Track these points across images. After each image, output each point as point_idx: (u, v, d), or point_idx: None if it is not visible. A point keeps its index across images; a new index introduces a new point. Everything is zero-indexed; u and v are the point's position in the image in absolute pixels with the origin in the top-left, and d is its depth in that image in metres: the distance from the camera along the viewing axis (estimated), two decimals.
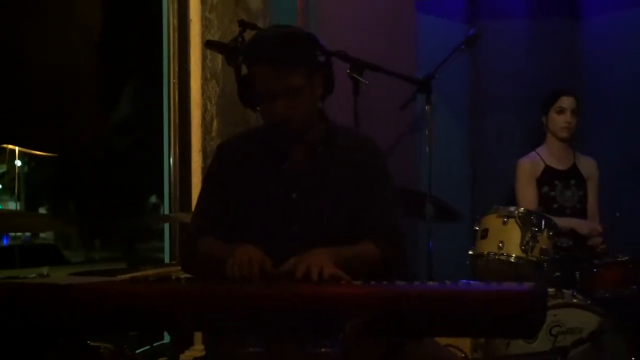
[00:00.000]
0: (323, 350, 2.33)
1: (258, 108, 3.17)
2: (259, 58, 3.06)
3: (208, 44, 4.40)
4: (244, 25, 4.16)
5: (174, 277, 3.04)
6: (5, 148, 5.83)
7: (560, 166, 5.41)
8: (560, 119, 5.34)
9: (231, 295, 2.63)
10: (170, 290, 2.72)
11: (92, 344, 3.16)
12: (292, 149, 3.20)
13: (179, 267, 3.50)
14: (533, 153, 5.46)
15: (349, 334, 2.46)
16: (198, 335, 4.68)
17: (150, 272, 3.73)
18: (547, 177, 5.39)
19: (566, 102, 5.34)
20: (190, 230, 3.31)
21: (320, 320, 2.54)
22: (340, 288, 2.68)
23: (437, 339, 3.58)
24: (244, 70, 3.18)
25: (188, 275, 3.23)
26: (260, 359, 2.56)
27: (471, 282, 3.99)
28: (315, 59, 3.12)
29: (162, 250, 5.29)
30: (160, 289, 2.75)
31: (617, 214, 4.92)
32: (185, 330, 3.71)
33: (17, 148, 5.85)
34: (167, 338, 4.81)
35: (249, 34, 4.16)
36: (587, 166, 5.48)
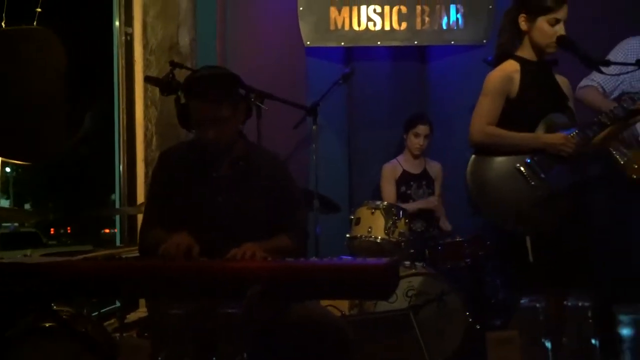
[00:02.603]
0: (230, 310, 2.33)
1: (193, 130, 3.19)
2: (195, 94, 3.06)
3: (146, 79, 4.39)
4: (174, 65, 4.16)
5: (117, 256, 3.00)
6: None
7: (414, 170, 5.45)
8: (416, 141, 5.37)
9: (161, 270, 2.62)
10: (113, 266, 2.70)
11: (56, 307, 3.13)
12: (219, 162, 3.19)
13: (127, 249, 3.48)
14: (394, 160, 5.49)
15: (250, 298, 2.46)
16: (142, 300, 4.62)
17: (101, 252, 3.69)
18: (404, 179, 5.41)
19: (422, 129, 5.37)
20: (141, 226, 3.30)
21: (228, 288, 2.55)
22: (242, 263, 2.69)
23: (322, 301, 3.62)
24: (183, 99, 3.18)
25: (130, 255, 3.21)
26: (183, 319, 2.55)
27: (346, 257, 4.03)
28: (238, 93, 3.15)
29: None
30: (105, 265, 2.73)
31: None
32: (124, 297, 3.66)
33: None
34: (118, 303, 4.75)
35: (178, 72, 4.16)
36: (435, 169, 5.51)
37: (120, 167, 5.26)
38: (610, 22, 5.24)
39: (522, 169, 3.53)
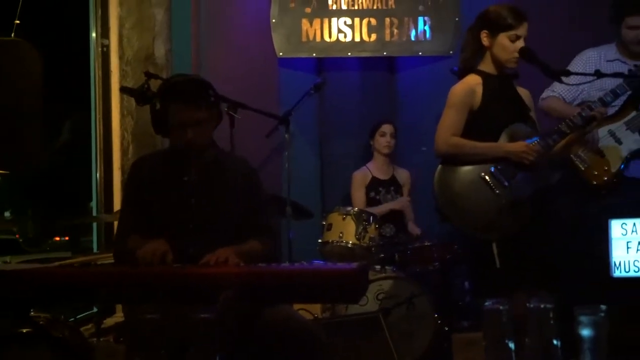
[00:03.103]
0: (203, 315, 2.31)
1: (168, 136, 3.19)
2: (174, 98, 3.07)
3: (122, 90, 4.39)
4: (149, 75, 4.17)
5: (93, 263, 2.99)
6: None
7: (383, 177, 5.47)
8: (383, 140, 5.42)
9: (135, 276, 2.62)
10: (89, 273, 2.69)
11: (33, 314, 3.10)
12: (192, 167, 3.19)
13: (104, 255, 3.46)
14: (364, 167, 5.50)
15: (223, 302, 2.46)
16: (119, 306, 4.60)
17: (77, 259, 3.67)
18: (374, 185, 5.43)
19: (386, 128, 5.43)
20: (116, 233, 3.29)
21: (201, 293, 2.55)
22: (215, 269, 2.69)
23: (294, 305, 3.62)
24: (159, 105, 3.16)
25: (106, 262, 3.19)
26: (157, 324, 2.53)
27: (319, 262, 4.04)
28: (211, 99, 3.15)
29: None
30: (80, 272, 2.72)
31: None
32: (100, 303, 3.64)
33: None
34: (95, 308, 4.72)
35: (153, 82, 4.15)
36: (403, 176, 5.53)
37: (97, 174, 5.24)
38: (569, 36, 5.29)
39: (486, 177, 3.56)
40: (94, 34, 5.22)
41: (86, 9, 5.24)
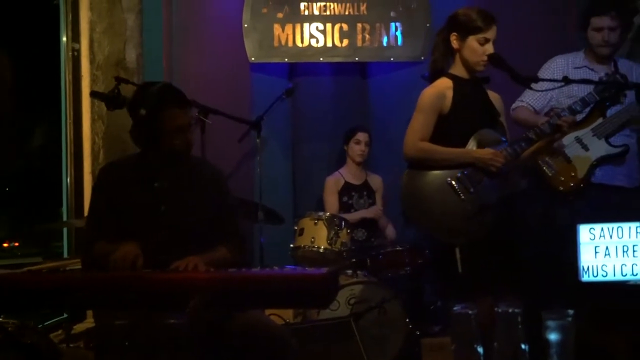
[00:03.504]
0: (172, 321, 2.32)
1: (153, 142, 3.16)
2: (170, 102, 3.08)
3: (92, 94, 4.36)
4: (119, 80, 4.14)
5: (62, 269, 2.97)
6: None
7: (355, 182, 5.48)
8: (357, 148, 5.43)
9: (104, 281, 2.61)
10: (57, 278, 2.67)
11: (2, 319, 3.08)
12: (161, 172, 3.18)
13: (74, 260, 3.43)
14: (336, 172, 5.51)
15: (193, 308, 2.45)
16: (90, 311, 4.57)
17: (46, 265, 3.64)
18: (346, 190, 5.43)
19: (361, 136, 5.44)
20: (84, 238, 3.27)
21: (172, 299, 2.54)
22: (185, 274, 2.69)
23: (267, 310, 3.62)
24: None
25: (74, 267, 3.18)
26: (127, 330, 2.53)
27: (290, 266, 4.03)
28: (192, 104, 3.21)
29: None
30: (49, 277, 2.70)
31: None
32: (69, 308, 3.62)
33: None
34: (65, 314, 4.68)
35: (124, 87, 4.13)
36: (375, 181, 5.55)
37: (68, 179, 5.21)
38: (538, 43, 5.34)
39: (453, 183, 3.57)
40: (64, 38, 5.19)
41: (57, 13, 5.21)
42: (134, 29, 5.18)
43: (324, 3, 5.69)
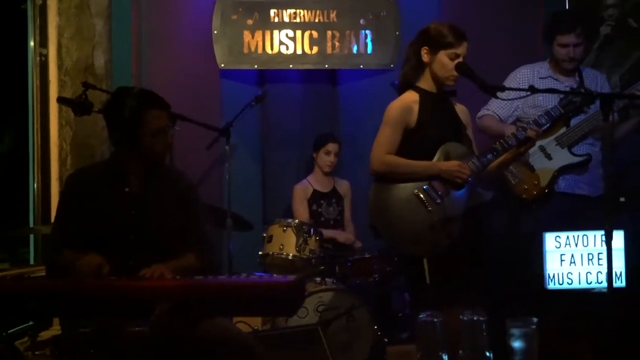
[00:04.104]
0: (137, 329, 2.30)
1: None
2: (154, 104, 3.12)
3: (59, 100, 4.34)
4: (86, 86, 4.13)
5: (26, 275, 2.95)
6: None
7: (324, 189, 5.49)
8: (327, 159, 5.43)
9: (69, 288, 2.59)
10: (21, 286, 2.65)
11: None
12: (132, 178, 3.18)
13: (40, 267, 3.40)
14: (304, 180, 5.52)
15: (158, 315, 2.44)
16: (57, 319, 4.53)
17: (11, 272, 3.61)
18: (315, 198, 5.44)
19: (332, 147, 5.44)
20: (49, 246, 3.25)
21: (137, 306, 2.53)
22: (151, 282, 2.67)
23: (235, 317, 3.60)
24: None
25: (38, 275, 3.15)
26: (92, 337, 2.51)
27: (259, 274, 4.03)
28: None
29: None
30: (12, 284, 2.68)
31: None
32: (33, 316, 3.58)
33: None
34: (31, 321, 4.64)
35: (91, 93, 4.12)
36: (343, 187, 5.56)
37: (35, 185, 5.16)
38: (505, 53, 5.38)
39: (420, 195, 3.58)
40: (32, 43, 5.15)
41: (24, 17, 5.17)
42: (102, 34, 5.15)
43: (294, 10, 5.70)
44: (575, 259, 3.86)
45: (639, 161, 4.87)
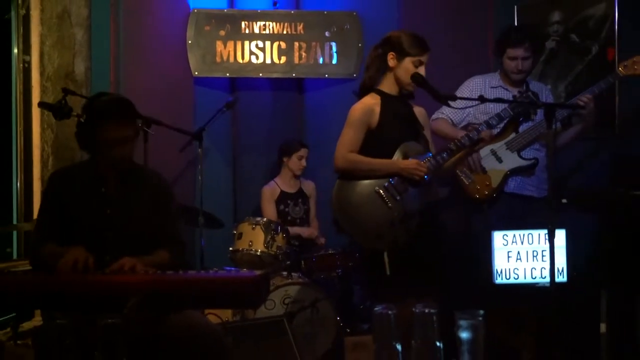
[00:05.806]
0: (110, 321, 2.28)
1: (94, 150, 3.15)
2: (106, 116, 3.04)
3: (40, 105, 4.29)
4: (66, 91, 4.09)
5: (6, 270, 2.91)
6: None
7: (290, 190, 5.50)
8: (299, 163, 5.45)
9: (43, 283, 2.56)
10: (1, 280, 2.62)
11: None
12: (109, 178, 3.15)
13: (23, 262, 3.36)
14: (272, 182, 5.52)
15: (129, 309, 2.42)
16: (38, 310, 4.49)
17: None
18: (282, 198, 5.45)
19: (304, 152, 5.47)
20: (32, 240, 3.22)
21: (109, 300, 2.51)
22: (123, 276, 2.66)
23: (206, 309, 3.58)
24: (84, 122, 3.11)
25: (22, 269, 3.12)
26: (65, 329, 2.48)
27: (229, 268, 4.01)
28: (135, 117, 3.18)
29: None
30: None
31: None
32: (10, 309, 3.54)
33: None
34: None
35: (71, 98, 4.08)
36: (308, 187, 5.59)
37: (18, 184, 5.12)
38: (459, 66, 5.41)
39: (380, 192, 3.60)
40: (15, 51, 5.10)
41: (8, 27, 5.12)
42: (82, 43, 5.11)
43: (263, 22, 5.71)
44: (521, 256, 3.89)
45: (580, 166, 4.94)
